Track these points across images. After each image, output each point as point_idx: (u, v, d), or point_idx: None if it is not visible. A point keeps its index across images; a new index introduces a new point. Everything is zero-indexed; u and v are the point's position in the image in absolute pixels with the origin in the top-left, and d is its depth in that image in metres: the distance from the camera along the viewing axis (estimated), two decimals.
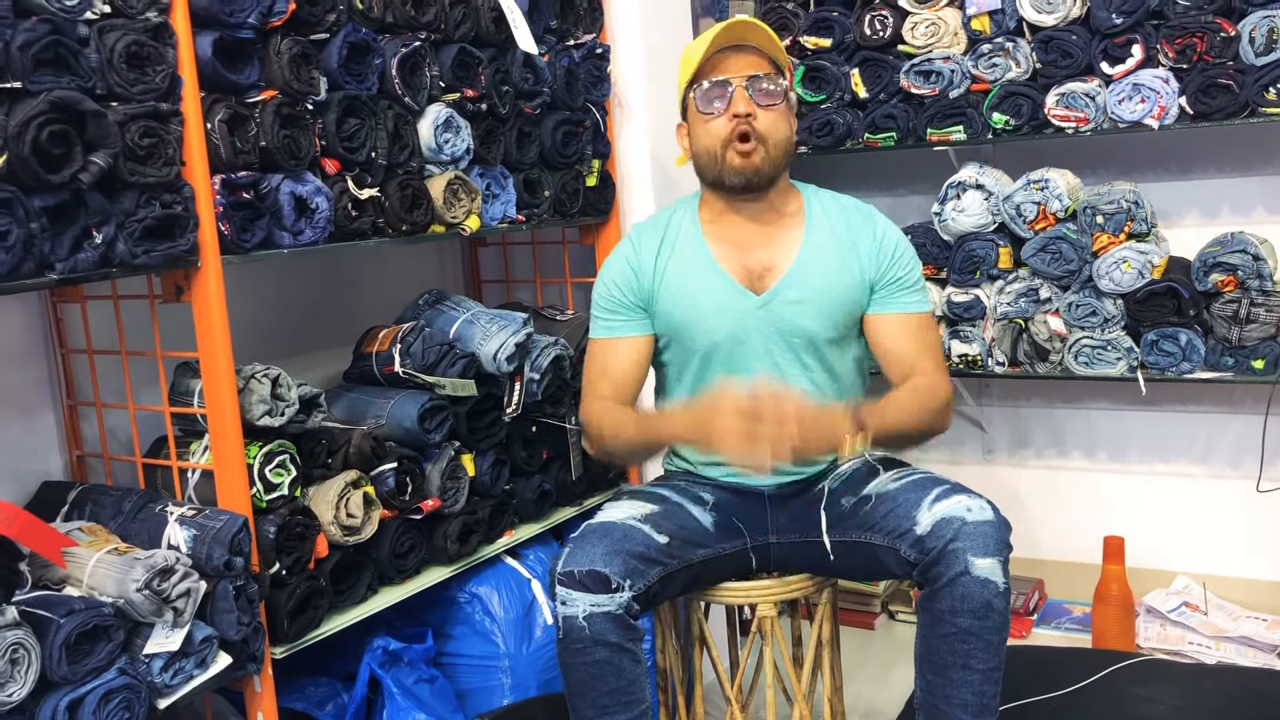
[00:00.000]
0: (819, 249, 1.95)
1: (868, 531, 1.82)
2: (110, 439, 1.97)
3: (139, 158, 1.58)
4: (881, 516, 1.80)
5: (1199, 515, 2.81)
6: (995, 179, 2.68)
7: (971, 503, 1.72)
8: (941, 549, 1.68)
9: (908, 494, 1.79)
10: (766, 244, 1.96)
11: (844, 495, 1.91)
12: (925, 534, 1.71)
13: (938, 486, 1.78)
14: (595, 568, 1.70)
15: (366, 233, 1.99)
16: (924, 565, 1.71)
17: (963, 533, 1.68)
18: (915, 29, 2.70)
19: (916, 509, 1.75)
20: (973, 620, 1.67)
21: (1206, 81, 2.39)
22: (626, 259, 2.02)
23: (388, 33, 2.03)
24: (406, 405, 2.10)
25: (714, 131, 1.89)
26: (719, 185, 1.94)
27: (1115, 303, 2.53)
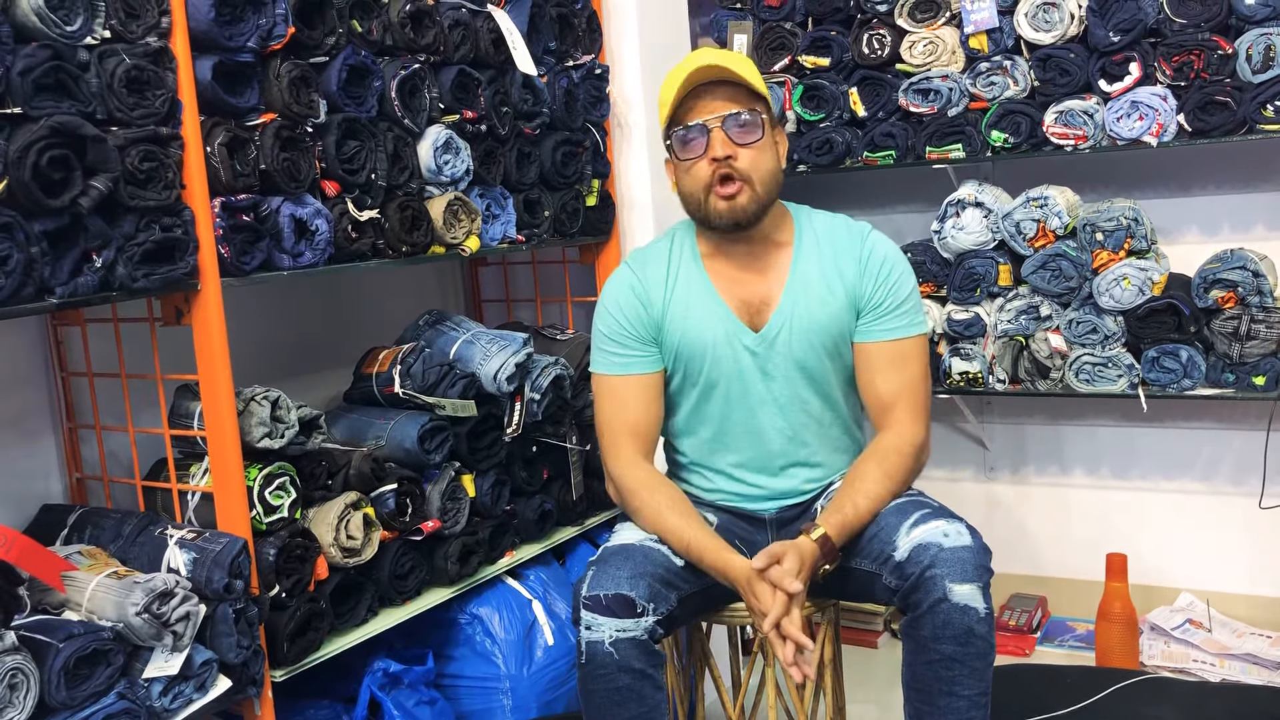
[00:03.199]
0: (806, 278, 1.92)
1: (856, 557, 1.81)
2: (110, 461, 1.97)
3: (139, 181, 1.59)
4: (866, 540, 1.79)
5: (1202, 532, 2.80)
6: (994, 196, 2.68)
7: (949, 528, 1.70)
8: (919, 575, 1.66)
9: (889, 518, 1.78)
10: (762, 275, 1.94)
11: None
12: (903, 560, 1.69)
13: (918, 510, 1.76)
14: (621, 591, 1.68)
15: (366, 254, 1.99)
16: (904, 591, 1.70)
17: (939, 559, 1.66)
18: (913, 48, 2.71)
19: (895, 533, 1.73)
20: (955, 647, 1.65)
21: (1204, 99, 2.40)
22: (632, 289, 1.96)
23: (387, 55, 2.04)
24: (407, 426, 2.09)
25: (696, 176, 1.86)
26: (706, 225, 1.92)
27: (1116, 320, 2.53)
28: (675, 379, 1.99)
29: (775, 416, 1.94)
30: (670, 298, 1.95)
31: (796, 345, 1.91)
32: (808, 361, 1.92)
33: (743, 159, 1.83)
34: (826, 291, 1.91)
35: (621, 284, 1.98)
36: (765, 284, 1.93)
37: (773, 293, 1.92)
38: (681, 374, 1.97)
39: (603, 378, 1.97)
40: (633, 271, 1.99)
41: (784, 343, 1.91)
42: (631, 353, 1.95)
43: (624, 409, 1.94)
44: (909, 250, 2.80)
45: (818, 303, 1.91)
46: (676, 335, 1.94)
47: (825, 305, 1.91)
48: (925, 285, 2.76)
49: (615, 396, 1.95)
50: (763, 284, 1.93)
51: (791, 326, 1.91)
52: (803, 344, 1.91)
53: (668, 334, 1.95)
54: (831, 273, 1.92)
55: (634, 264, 2.01)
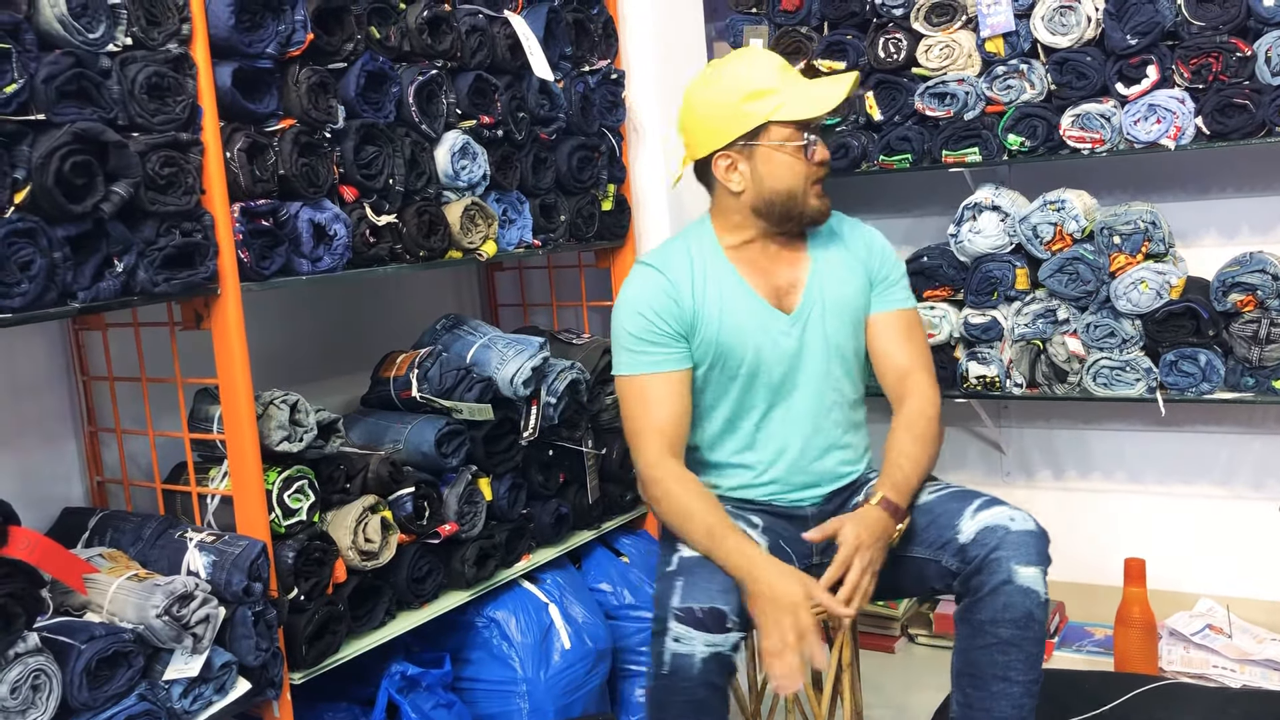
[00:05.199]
0: (828, 261, 2.01)
1: (908, 545, 1.84)
2: (130, 465, 1.99)
3: (160, 187, 1.60)
4: (922, 529, 1.83)
5: (1221, 537, 2.78)
6: (1011, 200, 2.68)
7: (1014, 513, 1.76)
8: (984, 557, 1.71)
9: (947, 505, 1.83)
10: (788, 263, 2.00)
11: None
12: (968, 542, 1.74)
13: (977, 498, 1.82)
14: (715, 605, 1.67)
15: (384, 259, 2.00)
16: (966, 574, 1.74)
17: (1006, 541, 1.71)
18: (929, 52, 2.70)
19: (958, 518, 1.78)
20: (1014, 630, 1.69)
21: (1223, 101, 2.39)
22: (662, 289, 1.95)
23: (405, 61, 2.05)
24: (424, 430, 2.10)
25: (802, 173, 1.91)
26: (784, 221, 1.95)
27: (1133, 323, 2.52)
28: (712, 375, 1.97)
29: (812, 399, 1.98)
30: (702, 292, 1.95)
31: (828, 323, 1.97)
32: (839, 338, 1.98)
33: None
34: (846, 270, 2.00)
35: (648, 283, 1.97)
36: (791, 270, 1.99)
37: (799, 277, 1.99)
38: (720, 368, 1.96)
39: (630, 379, 1.94)
40: (657, 270, 1.97)
41: (816, 321, 1.97)
42: (663, 350, 1.93)
43: (654, 407, 1.92)
44: (925, 254, 2.80)
45: (840, 281, 1.99)
46: (714, 328, 1.94)
47: (846, 283, 2.00)
48: (942, 289, 2.76)
49: (644, 396, 1.93)
50: (789, 270, 1.99)
51: (822, 305, 1.97)
52: (834, 321, 1.98)
53: (704, 328, 1.94)
54: (846, 253, 2.02)
55: (656, 263, 1.99)
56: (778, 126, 1.89)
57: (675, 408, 1.93)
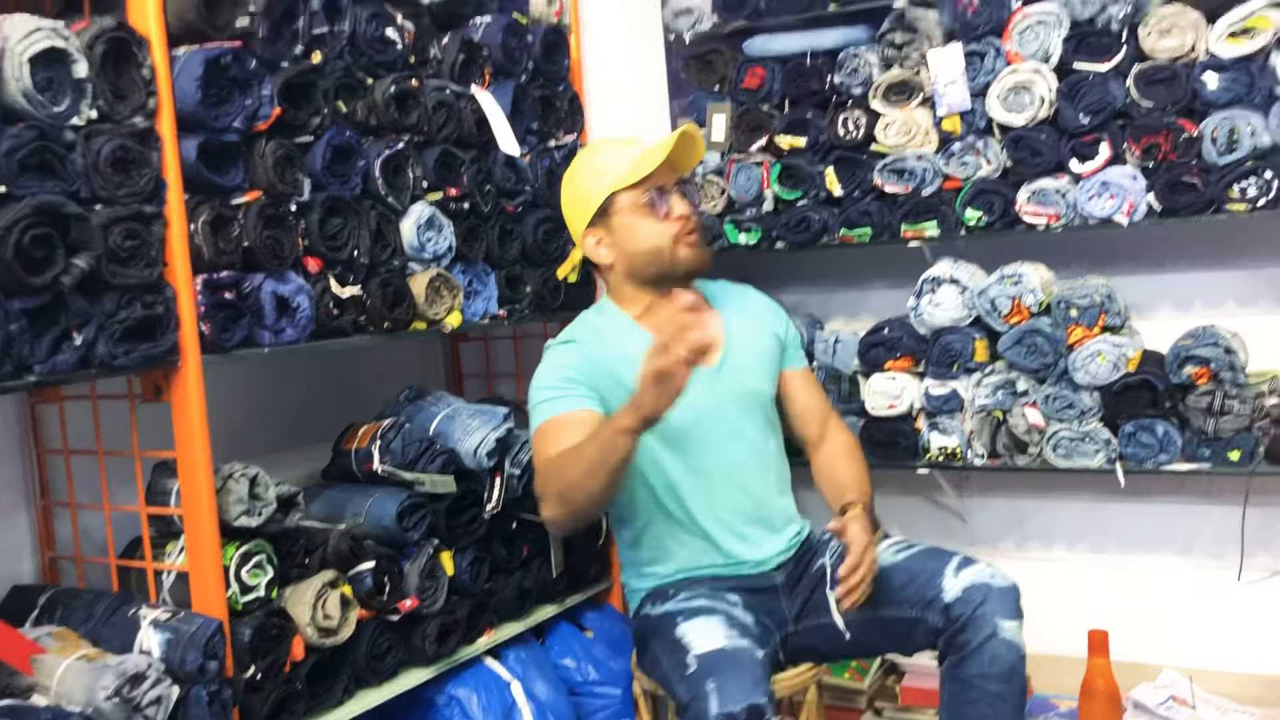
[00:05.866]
0: (737, 319, 2.10)
1: (888, 606, 1.88)
2: (84, 540, 1.95)
3: (121, 259, 1.60)
4: (899, 588, 1.88)
5: (1182, 608, 2.79)
6: (969, 273, 2.72)
7: (993, 571, 1.85)
8: (971, 614, 1.78)
9: (925, 564, 1.89)
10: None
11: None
12: (954, 600, 1.81)
13: (953, 556, 1.90)
14: (754, 701, 1.64)
15: (347, 330, 2.00)
16: (952, 632, 1.80)
17: (991, 596, 1.79)
18: (888, 129, 2.76)
19: (941, 577, 1.84)
20: (1001, 684, 1.77)
21: (1172, 179, 2.45)
22: (576, 352, 2.00)
23: (372, 135, 2.07)
24: (385, 503, 2.08)
25: (658, 230, 2.00)
26: (663, 279, 2.02)
27: (1092, 395, 2.55)
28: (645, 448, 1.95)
29: (744, 448, 2.04)
30: (617, 355, 1.98)
31: (748, 375, 2.07)
32: (761, 387, 2.09)
33: (694, 216, 2.06)
34: (755, 327, 2.13)
35: (562, 351, 2.04)
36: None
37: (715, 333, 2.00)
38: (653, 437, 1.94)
39: (544, 423, 1.92)
40: (565, 343, 2.05)
41: (734, 370, 2.05)
42: (579, 395, 1.94)
43: (562, 433, 1.87)
44: (886, 326, 2.82)
45: (752, 337, 2.11)
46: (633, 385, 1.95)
47: (761, 338, 2.13)
48: (903, 359, 2.78)
49: (554, 428, 1.89)
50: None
51: (738, 357, 2.07)
52: (756, 371, 2.09)
53: (621, 390, 1.92)
54: (752, 313, 2.16)
55: (572, 338, 2.06)
56: (623, 194, 2.00)
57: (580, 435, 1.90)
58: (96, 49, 1.58)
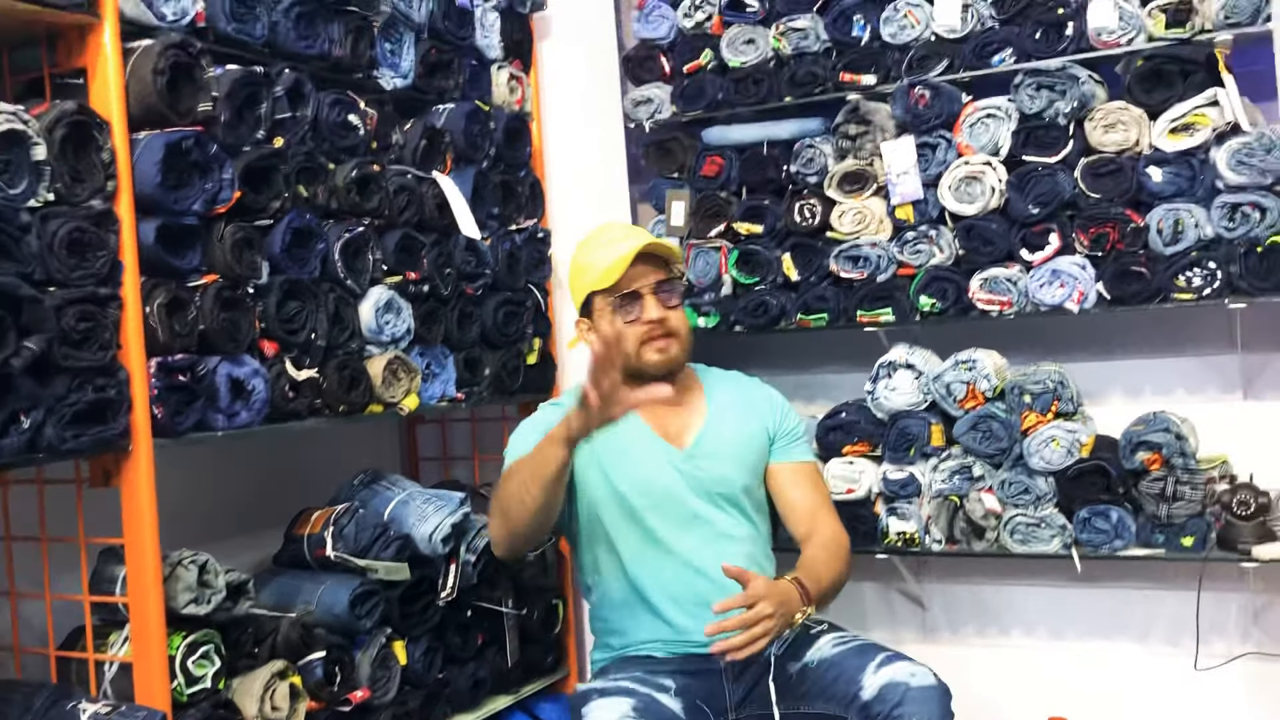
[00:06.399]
0: (724, 407, 2.12)
1: (821, 700, 1.86)
2: (24, 629, 1.89)
3: (74, 342, 1.58)
4: (828, 683, 1.85)
5: (1140, 695, 2.79)
6: (924, 359, 2.75)
7: (915, 669, 1.79)
8: (887, 714, 1.74)
9: (851, 659, 1.86)
10: (682, 406, 2.10)
11: (789, 662, 1.94)
12: (871, 699, 1.77)
13: (880, 652, 1.85)
14: None
15: (303, 413, 1.98)
16: None
17: (908, 697, 1.74)
18: (842, 217, 2.81)
19: (861, 674, 1.81)
20: None
21: (1121, 269, 2.51)
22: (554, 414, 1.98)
23: (332, 218, 2.07)
24: (337, 590, 2.04)
25: (632, 336, 2.02)
26: (635, 377, 2.01)
27: (1047, 480, 2.58)
28: (606, 514, 2.02)
29: (706, 533, 2.03)
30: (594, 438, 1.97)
31: (720, 461, 2.06)
32: (732, 475, 2.07)
33: (672, 319, 2.06)
34: (744, 417, 2.13)
35: (545, 411, 2.09)
36: (685, 412, 2.10)
37: (694, 418, 2.10)
38: (615, 502, 2.01)
39: (508, 469, 2.00)
40: (554, 406, 2.09)
41: (708, 455, 2.05)
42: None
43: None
44: (843, 410, 2.84)
45: (736, 425, 2.11)
46: (605, 463, 2.00)
47: (745, 427, 2.11)
48: (860, 444, 2.79)
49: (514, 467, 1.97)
50: (683, 412, 2.10)
51: (715, 443, 2.07)
52: (729, 460, 2.07)
53: (594, 464, 2.00)
54: (744, 404, 2.15)
55: (554, 403, 2.11)
56: (597, 296, 2.05)
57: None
58: (56, 132, 1.57)
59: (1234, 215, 2.41)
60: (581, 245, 2.15)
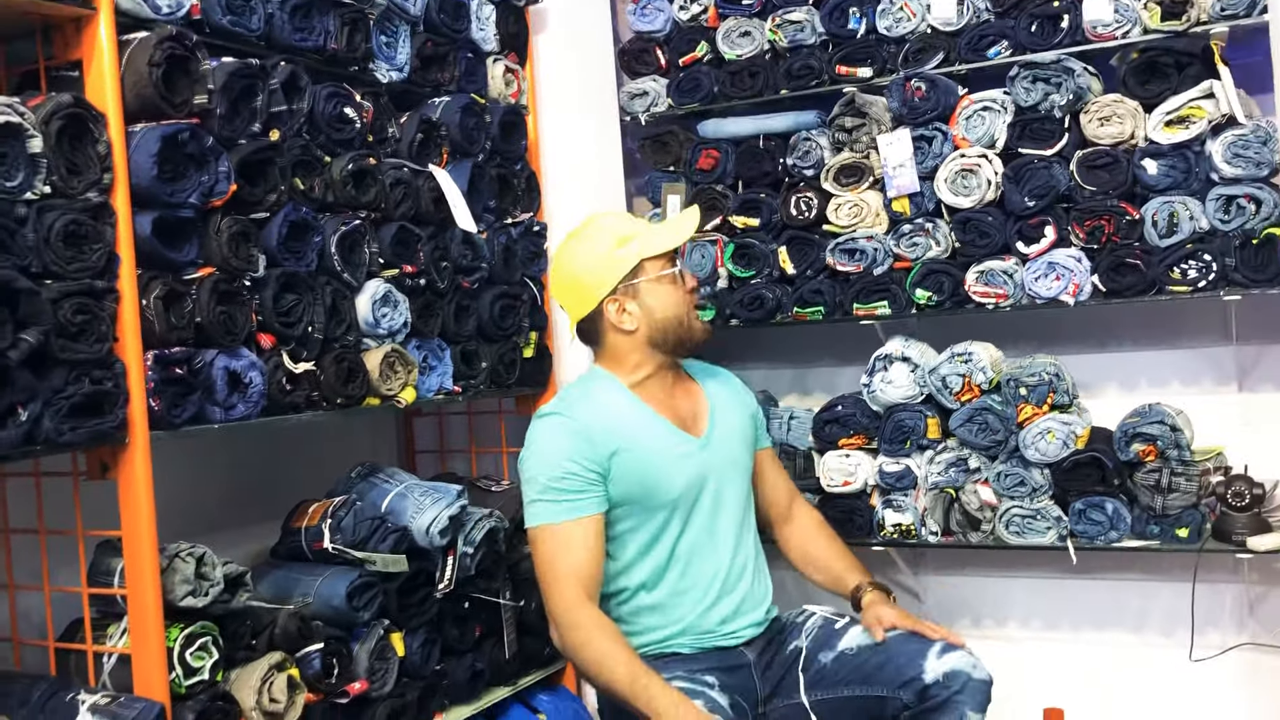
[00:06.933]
0: (717, 393, 2.14)
1: (863, 684, 1.91)
2: (22, 622, 1.89)
3: (71, 334, 1.58)
4: (877, 667, 1.91)
5: (1135, 686, 2.80)
6: (920, 352, 2.75)
7: (975, 661, 1.88)
8: (946, 699, 1.82)
9: (905, 645, 1.91)
10: (686, 394, 2.11)
11: (820, 653, 1.98)
12: (933, 682, 1.84)
13: (935, 641, 1.91)
14: None
15: (300, 406, 1.98)
16: (921, 710, 1.84)
17: (968, 687, 1.83)
18: (839, 210, 2.81)
19: (923, 659, 1.87)
20: None
21: (1116, 261, 2.51)
22: (574, 432, 1.93)
23: (328, 211, 2.07)
24: (335, 583, 2.04)
25: (682, 298, 2.04)
26: (679, 347, 2.05)
27: (1042, 472, 2.58)
28: (635, 509, 1.97)
29: (731, 517, 2.05)
30: (613, 427, 1.96)
31: (730, 445, 2.08)
32: (741, 459, 2.11)
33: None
34: (734, 403, 2.16)
35: (557, 430, 1.96)
36: (690, 400, 2.10)
37: (699, 405, 2.10)
38: (642, 499, 1.96)
39: (549, 527, 1.90)
40: (563, 416, 1.97)
41: (720, 441, 2.06)
42: (580, 496, 1.91)
43: (569, 552, 1.89)
44: (839, 403, 2.85)
45: (733, 411, 2.14)
46: (632, 461, 1.95)
47: (739, 413, 2.15)
48: (857, 437, 2.80)
49: (559, 541, 1.89)
50: (689, 399, 2.10)
51: (724, 429, 2.08)
52: (735, 443, 2.10)
53: (621, 460, 1.94)
54: (730, 392, 2.18)
55: (560, 410, 1.99)
56: (650, 262, 2.01)
57: (592, 552, 1.91)
58: (53, 124, 1.57)
59: (1229, 207, 2.41)
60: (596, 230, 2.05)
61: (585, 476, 1.92)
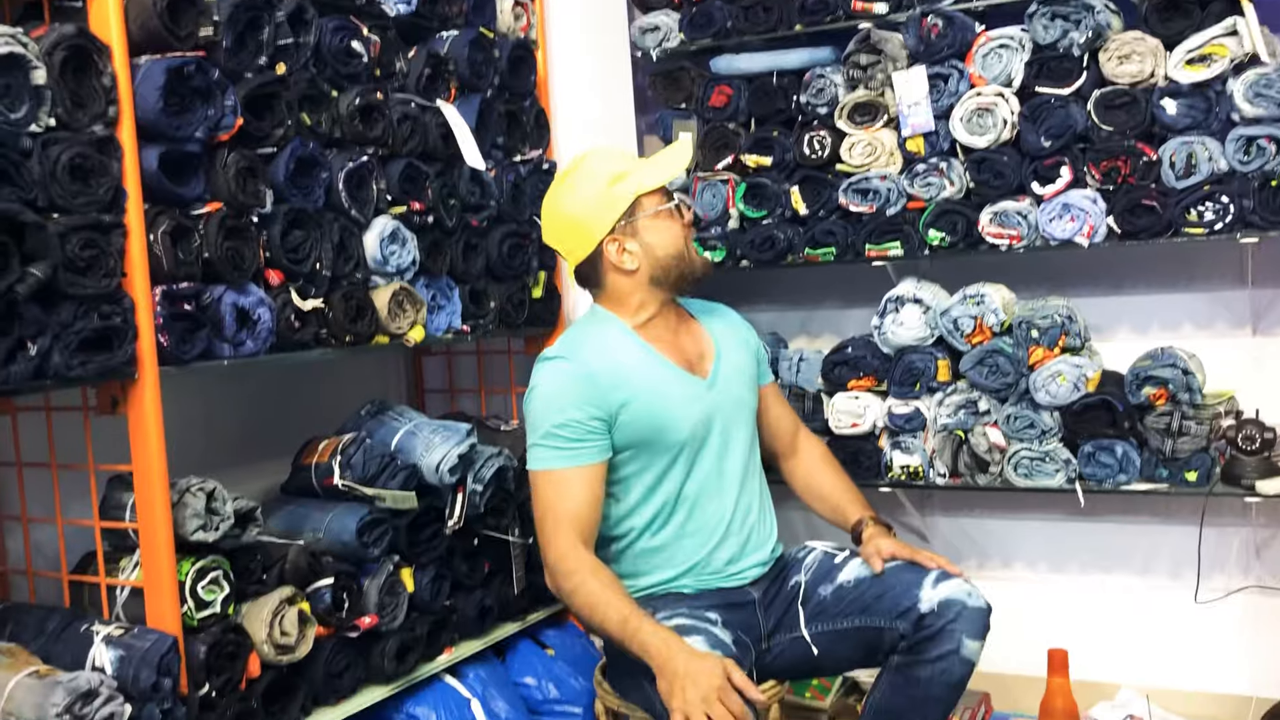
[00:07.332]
0: (719, 331, 2.12)
1: (860, 615, 1.91)
2: (36, 555, 1.91)
3: (79, 269, 1.57)
4: (874, 598, 1.91)
5: (1140, 627, 2.82)
6: (932, 293, 2.74)
7: (970, 589, 1.87)
8: (941, 628, 1.82)
9: (903, 575, 1.91)
10: (689, 334, 2.09)
11: (819, 587, 1.98)
12: (928, 611, 1.84)
13: (932, 570, 1.90)
14: None
15: (309, 343, 1.98)
16: (916, 640, 1.84)
17: (963, 615, 1.82)
18: (853, 149, 2.78)
19: (918, 588, 1.86)
20: (945, 691, 1.84)
21: (1131, 202, 2.48)
22: (578, 377, 1.91)
23: (335, 147, 2.05)
24: (345, 518, 2.06)
25: (682, 233, 2.02)
26: (680, 283, 2.03)
27: (1052, 415, 2.58)
28: (641, 453, 1.95)
29: (737, 458, 2.04)
30: (619, 371, 1.94)
31: (735, 385, 2.07)
32: (747, 398, 2.10)
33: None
34: (738, 342, 2.14)
35: (562, 374, 1.93)
36: (695, 340, 2.08)
37: (704, 345, 2.08)
38: (649, 442, 1.95)
39: (549, 473, 1.89)
40: (567, 359, 1.94)
41: (726, 381, 2.05)
42: (583, 444, 1.89)
43: (567, 498, 1.88)
44: (849, 345, 2.84)
45: (736, 350, 2.12)
46: (639, 405, 1.92)
47: (742, 352, 2.13)
48: (866, 379, 2.79)
49: (557, 487, 1.89)
50: (693, 340, 2.08)
51: (729, 368, 2.07)
52: (740, 382, 2.09)
53: (628, 405, 1.92)
54: (733, 330, 2.16)
55: (564, 353, 1.96)
56: (646, 198, 1.98)
57: (590, 499, 1.89)
58: (56, 56, 1.56)
59: (1249, 148, 2.38)
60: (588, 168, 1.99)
61: (588, 425, 1.89)
